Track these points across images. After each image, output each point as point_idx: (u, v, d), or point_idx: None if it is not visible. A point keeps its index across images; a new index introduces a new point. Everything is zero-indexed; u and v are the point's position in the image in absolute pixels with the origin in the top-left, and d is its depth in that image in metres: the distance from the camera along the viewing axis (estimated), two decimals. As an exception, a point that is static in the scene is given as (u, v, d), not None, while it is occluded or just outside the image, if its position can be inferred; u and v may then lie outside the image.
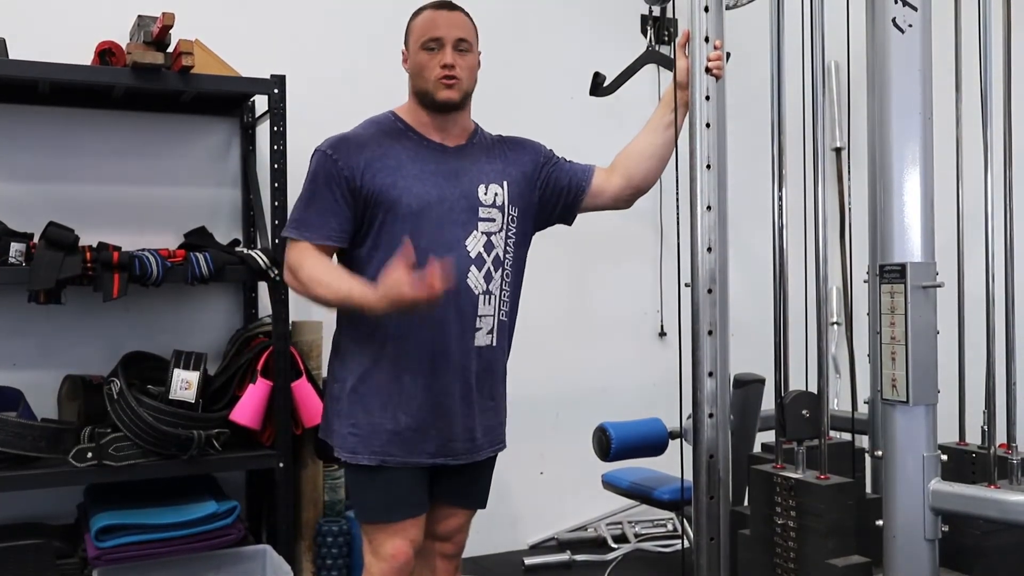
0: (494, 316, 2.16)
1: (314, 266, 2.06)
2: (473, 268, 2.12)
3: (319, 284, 2.05)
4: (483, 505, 2.32)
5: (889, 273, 1.96)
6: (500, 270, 2.17)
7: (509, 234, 2.19)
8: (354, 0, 3.38)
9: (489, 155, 2.21)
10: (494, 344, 2.18)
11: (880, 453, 2.02)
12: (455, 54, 2.10)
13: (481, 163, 2.18)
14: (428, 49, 2.10)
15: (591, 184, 2.28)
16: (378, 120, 2.18)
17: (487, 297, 2.14)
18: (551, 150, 2.33)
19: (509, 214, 2.19)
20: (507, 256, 2.18)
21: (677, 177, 2.18)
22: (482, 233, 2.14)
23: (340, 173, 2.06)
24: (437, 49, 2.09)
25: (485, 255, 2.14)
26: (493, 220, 2.16)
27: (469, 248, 2.12)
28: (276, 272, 2.78)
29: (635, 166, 2.29)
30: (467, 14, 2.16)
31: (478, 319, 2.13)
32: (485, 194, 2.16)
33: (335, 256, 2.16)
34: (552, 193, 2.27)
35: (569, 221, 2.35)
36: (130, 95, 2.90)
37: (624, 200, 2.34)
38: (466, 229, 2.12)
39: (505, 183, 2.19)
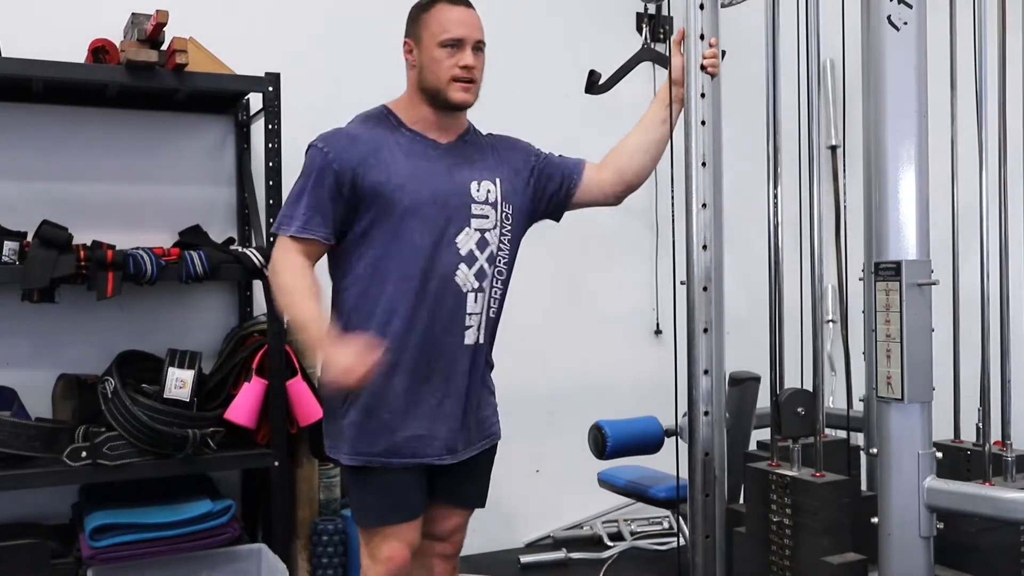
0: (482, 313, 2.15)
1: (293, 274, 2.04)
2: (463, 266, 2.10)
3: (286, 295, 2.05)
4: (482, 504, 2.31)
5: (884, 271, 1.96)
6: (493, 267, 2.16)
7: (504, 231, 2.18)
8: (349, -2, 3.38)
9: (481, 152, 2.20)
10: (481, 341, 2.16)
11: (875, 451, 2.02)
12: (474, 55, 2.09)
13: (473, 160, 2.17)
14: (447, 47, 2.07)
15: (582, 180, 2.28)
16: (371, 115, 2.16)
17: (477, 295, 2.13)
18: (539, 148, 2.32)
19: (503, 211, 2.18)
20: (500, 253, 2.17)
21: (672, 175, 2.18)
22: (475, 230, 2.12)
23: (331, 167, 2.04)
24: (457, 49, 2.07)
25: (477, 252, 2.12)
26: (487, 217, 2.15)
27: (459, 245, 2.10)
28: (271, 271, 2.78)
29: (627, 162, 2.29)
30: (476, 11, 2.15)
31: (467, 317, 2.12)
32: (478, 191, 2.14)
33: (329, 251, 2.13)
34: (543, 189, 2.27)
35: (558, 217, 2.35)
36: (124, 93, 2.89)
37: (615, 196, 2.33)
38: (458, 226, 2.10)
39: (497, 180, 2.18)
